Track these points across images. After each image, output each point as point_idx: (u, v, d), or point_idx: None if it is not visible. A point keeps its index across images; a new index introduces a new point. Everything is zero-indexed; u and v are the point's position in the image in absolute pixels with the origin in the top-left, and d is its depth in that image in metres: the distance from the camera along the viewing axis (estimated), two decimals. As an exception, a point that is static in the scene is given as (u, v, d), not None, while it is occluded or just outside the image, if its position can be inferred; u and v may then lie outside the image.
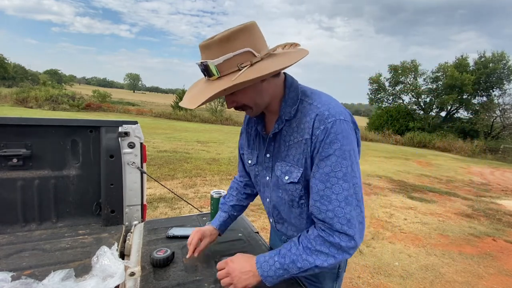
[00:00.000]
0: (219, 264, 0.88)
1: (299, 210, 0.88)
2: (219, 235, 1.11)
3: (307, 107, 0.80)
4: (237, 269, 0.83)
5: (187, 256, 1.00)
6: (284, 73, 0.86)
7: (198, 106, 0.69)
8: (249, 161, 1.01)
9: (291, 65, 0.72)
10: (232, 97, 0.79)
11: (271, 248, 1.18)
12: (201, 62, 0.72)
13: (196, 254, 1.00)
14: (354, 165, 0.75)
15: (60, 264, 1.06)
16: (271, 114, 0.89)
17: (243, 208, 1.16)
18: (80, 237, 1.30)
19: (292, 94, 0.83)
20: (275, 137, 0.88)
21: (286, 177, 0.84)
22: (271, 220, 1.04)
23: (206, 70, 0.72)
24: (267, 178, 0.93)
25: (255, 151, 0.97)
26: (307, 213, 0.87)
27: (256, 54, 0.71)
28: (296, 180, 0.82)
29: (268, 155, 0.91)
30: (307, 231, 0.81)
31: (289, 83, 0.85)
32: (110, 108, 22.70)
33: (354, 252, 0.76)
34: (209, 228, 1.08)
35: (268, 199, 0.97)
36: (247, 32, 0.71)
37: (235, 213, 1.14)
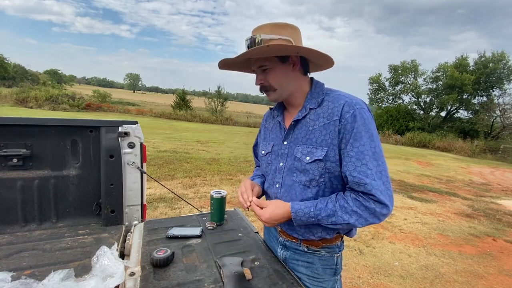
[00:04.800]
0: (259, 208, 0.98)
1: (316, 189, 0.95)
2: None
3: (335, 97, 0.94)
4: (269, 211, 0.95)
5: (249, 202, 1.01)
6: (311, 77, 1.04)
7: (233, 58, 0.92)
8: (263, 152, 1.13)
9: (310, 50, 0.88)
10: (263, 74, 0.96)
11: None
12: (251, 36, 0.91)
13: (254, 199, 1.02)
14: (379, 145, 0.89)
15: (60, 264, 1.06)
16: (292, 108, 1.04)
17: None
18: (80, 237, 1.30)
19: (318, 89, 0.99)
20: (295, 125, 0.99)
21: (308, 158, 0.93)
22: None
23: (254, 42, 0.89)
24: (281, 164, 1.02)
25: (271, 142, 1.09)
26: (323, 192, 0.95)
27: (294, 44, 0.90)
28: (321, 158, 0.91)
29: (285, 142, 1.01)
30: (344, 193, 0.91)
31: (315, 81, 1.02)
32: (110, 108, 22.72)
33: (385, 219, 0.86)
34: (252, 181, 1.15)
35: (278, 185, 1.04)
36: (292, 29, 0.92)
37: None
